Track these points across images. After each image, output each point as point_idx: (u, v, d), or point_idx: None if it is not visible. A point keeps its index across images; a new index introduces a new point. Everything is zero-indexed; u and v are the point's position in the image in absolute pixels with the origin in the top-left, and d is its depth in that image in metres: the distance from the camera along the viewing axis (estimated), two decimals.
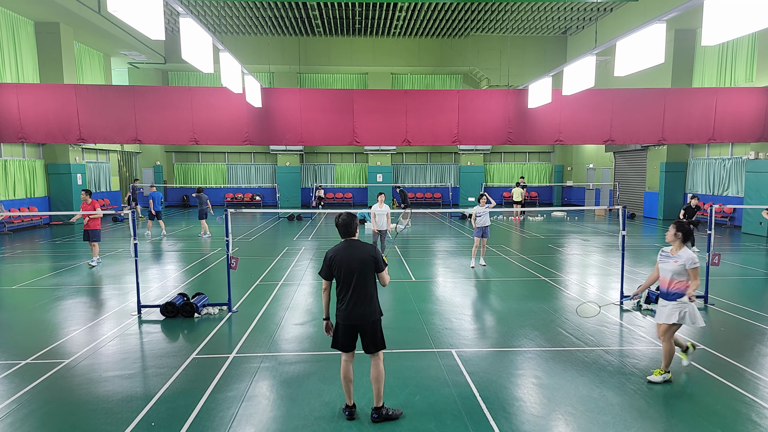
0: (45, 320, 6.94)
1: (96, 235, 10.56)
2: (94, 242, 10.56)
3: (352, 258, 4.02)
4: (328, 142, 15.83)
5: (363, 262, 4.02)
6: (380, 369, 4.11)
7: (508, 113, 15.55)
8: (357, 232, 4.19)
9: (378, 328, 4.12)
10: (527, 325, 6.68)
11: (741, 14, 5.74)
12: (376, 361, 4.11)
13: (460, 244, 13.73)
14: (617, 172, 23.96)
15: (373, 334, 4.08)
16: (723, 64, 17.41)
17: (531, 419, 4.18)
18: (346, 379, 4.17)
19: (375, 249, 4.14)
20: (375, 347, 4.10)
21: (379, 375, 4.10)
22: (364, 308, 4.03)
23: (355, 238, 4.18)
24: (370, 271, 4.05)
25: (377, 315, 4.11)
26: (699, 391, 4.70)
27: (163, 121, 14.82)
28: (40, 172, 18.28)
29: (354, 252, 4.05)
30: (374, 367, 4.11)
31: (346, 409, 4.19)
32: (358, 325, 4.05)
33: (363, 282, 4.03)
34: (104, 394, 4.65)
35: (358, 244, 4.11)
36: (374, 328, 4.08)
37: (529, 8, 20.89)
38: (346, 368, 4.16)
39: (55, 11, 16.25)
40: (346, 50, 25.25)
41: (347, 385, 4.18)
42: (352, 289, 4.02)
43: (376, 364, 4.11)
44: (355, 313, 4.02)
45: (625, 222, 7.39)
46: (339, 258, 4.04)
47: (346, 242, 4.13)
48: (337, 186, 29.02)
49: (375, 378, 4.11)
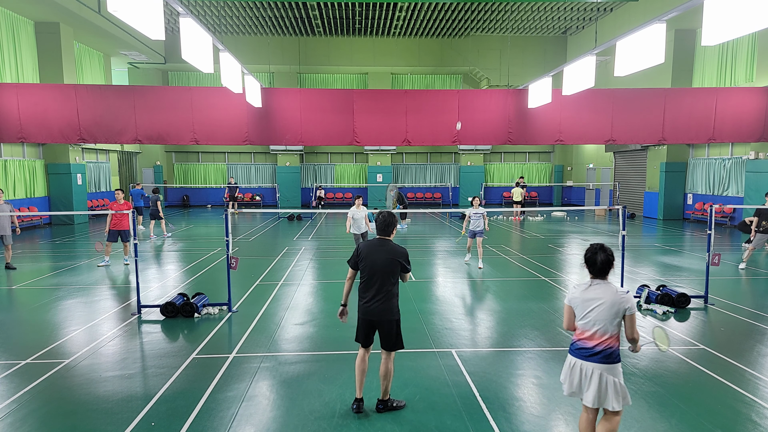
0: (45, 320, 6.94)
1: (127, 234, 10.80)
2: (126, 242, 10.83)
3: (380, 256, 4.10)
4: (328, 142, 15.82)
5: (389, 262, 4.10)
6: (389, 367, 4.18)
7: (508, 113, 15.55)
8: (393, 233, 4.26)
9: (396, 327, 4.18)
10: (527, 325, 6.68)
11: (741, 14, 5.73)
12: (387, 359, 4.17)
13: (460, 244, 13.72)
14: (617, 172, 23.96)
15: (390, 332, 4.14)
16: (723, 64, 17.41)
17: (531, 419, 4.18)
18: (360, 371, 4.24)
19: (406, 253, 4.20)
20: (391, 346, 4.17)
21: (388, 372, 4.17)
22: (382, 306, 4.10)
23: (389, 238, 4.25)
24: (394, 272, 4.13)
25: (395, 314, 4.17)
26: (699, 391, 4.70)
27: (163, 121, 14.81)
28: (40, 172, 18.28)
29: (383, 250, 4.13)
30: (384, 363, 4.17)
31: (355, 402, 4.25)
32: (375, 321, 4.13)
33: (385, 281, 4.10)
34: (104, 394, 4.65)
35: (390, 245, 4.19)
36: (391, 327, 4.15)
37: (529, 8, 20.88)
38: (362, 358, 4.24)
39: (55, 11, 16.24)
40: (346, 50, 25.25)
41: (360, 377, 4.24)
42: (373, 285, 4.10)
43: (386, 362, 4.17)
44: (373, 309, 4.10)
45: (625, 222, 7.39)
46: (367, 253, 4.14)
47: (379, 239, 4.22)
48: (337, 186, 29.02)
49: (383, 374, 4.18)
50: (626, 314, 3.23)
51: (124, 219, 10.75)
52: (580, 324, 3.35)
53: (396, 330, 4.18)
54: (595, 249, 3.34)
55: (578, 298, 3.36)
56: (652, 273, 9.91)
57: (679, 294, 7.39)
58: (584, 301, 3.32)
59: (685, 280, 9.30)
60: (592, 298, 3.29)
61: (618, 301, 3.22)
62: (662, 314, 7.10)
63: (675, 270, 10.24)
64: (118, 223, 10.73)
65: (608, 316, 3.23)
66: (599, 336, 3.25)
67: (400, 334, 4.22)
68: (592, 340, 3.27)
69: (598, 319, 3.25)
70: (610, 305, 3.22)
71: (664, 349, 3.86)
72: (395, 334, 4.18)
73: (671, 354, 5.61)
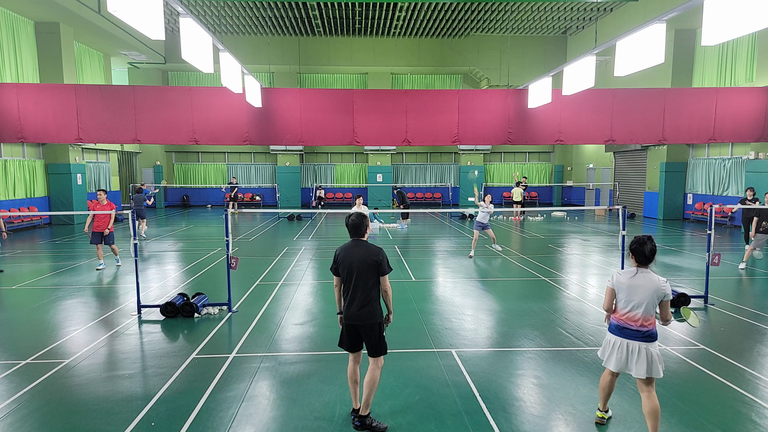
0: (45, 320, 6.94)
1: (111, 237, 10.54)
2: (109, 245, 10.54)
3: (355, 258, 3.99)
4: (328, 142, 15.83)
5: (364, 263, 3.96)
6: (375, 375, 3.98)
7: (508, 113, 15.55)
8: (367, 233, 4.15)
9: (378, 331, 4.02)
10: (527, 325, 6.68)
11: (741, 14, 5.73)
12: (373, 366, 4.01)
13: (460, 244, 13.73)
14: (617, 172, 23.96)
15: (371, 336, 4.00)
16: (723, 64, 17.41)
17: (531, 419, 4.18)
18: (352, 381, 4.13)
19: (380, 252, 4.03)
20: (374, 351, 4.03)
21: (373, 381, 3.96)
22: (363, 309, 3.97)
23: (363, 239, 4.14)
24: (371, 273, 3.97)
25: (377, 318, 4.01)
26: (699, 391, 4.70)
27: (163, 121, 14.82)
28: (40, 172, 18.28)
29: (358, 252, 4.01)
30: (370, 371, 4.00)
31: (353, 413, 4.13)
32: (357, 325, 4.02)
33: (363, 282, 3.97)
34: (104, 394, 4.65)
35: (364, 245, 4.06)
36: (373, 331, 4.00)
37: (529, 8, 20.88)
38: (353, 369, 4.13)
39: (55, 11, 16.24)
40: (346, 50, 25.25)
41: (353, 387, 4.13)
42: (352, 288, 4.00)
43: (373, 369, 3.99)
44: (353, 313, 3.99)
45: (625, 222, 7.39)
46: (343, 256, 4.05)
47: (353, 241, 4.11)
48: (337, 186, 29.02)
49: (367, 382, 3.97)
50: (663, 300, 3.67)
51: (106, 220, 10.32)
52: (625, 307, 3.73)
53: (378, 334, 4.01)
54: (643, 240, 3.70)
55: (624, 284, 3.73)
56: None
57: (679, 294, 7.39)
58: (630, 287, 3.70)
59: (685, 280, 9.30)
60: (639, 284, 3.67)
61: (659, 288, 3.63)
62: None
63: (675, 270, 10.24)
64: (101, 224, 10.29)
65: (651, 302, 3.64)
66: (643, 318, 3.66)
67: (383, 338, 4.05)
68: (637, 321, 3.68)
69: (641, 303, 3.65)
70: (652, 291, 3.63)
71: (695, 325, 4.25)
72: (377, 338, 4.01)
73: (671, 354, 5.61)
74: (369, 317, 3.99)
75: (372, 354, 4.05)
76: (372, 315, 3.99)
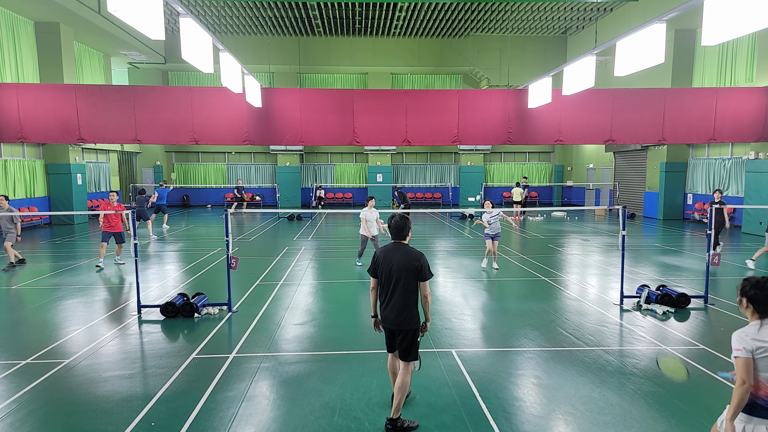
0: (45, 320, 6.94)
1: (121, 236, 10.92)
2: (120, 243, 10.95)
3: (395, 261, 3.93)
4: (328, 142, 15.83)
5: (404, 267, 3.90)
6: (406, 380, 3.97)
7: (508, 113, 15.55)
8: (409, 237, 4.12)
9: (413, 337, 3.98)
10: (527, 325, 6.68)
11: (741, 14, 5.73)
12: (404, 371, 3.98)
13: (459, 244, 13.73)
14: (617, 172, 23.96)
15: (404, 340, 3.97)
16: (723, 64, 17.41)
17: (531, 419, 4.18)
18: (392, 373, 4.26)
19: (421, 256, 3.96)
20: (405, 356, 3.99)
21: (404, 386, 3.95)
22: (399, 314, 3.92)
23: (405, 242, 4.09)
24: (411, 278, 3.91)
25: (414, 324, 3.95)
26: (699, 391, 4.70)
27: (163, 121, 14.82)
28: (40, 172, 18.27)
29: (398, 255, 3.95)
30: (400, 375, 3.97)
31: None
32: (394, 330, 4.00)
33: (402, 287, 3.91)
34: (104, 394, 4.65)
35: (405, 248, 4.00)
36: (407, 337, 3.96)
37: (529, 8, 20.88)
38: (392, 363, 4.25)
39: (55, 11, 16.24)
40: (346, 50, 25.25)
41: (393, 378, 4.25)
42: (390, 292, 3.95)
43: (403, 374, 3.96)
44: (389, 317, 3.97)
45: (625, 222, 7.39)
46: (383, 259, 3.99)
47: (394, 244, 4.06)
48: (337, 186, 29.02)
49: (398, 387, 3.94)
50: None
51: (118, 221, 10.76)
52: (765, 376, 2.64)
53: (411, 340, 3.96)
54: (763, 283, 2.73)
55: (763, 347, 2.63)
56: (652, 273, 9.91)
57: (679, 294, 7.40)
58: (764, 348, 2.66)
59: (685, 280, 9.30)
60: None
61: None
62: (662, 314, 7.10)
63: (675, 270, 10.24)
64: (114, 225, 10.71)
65: None
66: None
67: (416, 344, 3.99)
68: None
69: None
70: None
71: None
72: (409, 344, 3.96)
73: (671, 354, 5.61)
74: (406, 323, 3.94)
75: (403, 357, 4.02)
76: (410, 321, 3.96)
